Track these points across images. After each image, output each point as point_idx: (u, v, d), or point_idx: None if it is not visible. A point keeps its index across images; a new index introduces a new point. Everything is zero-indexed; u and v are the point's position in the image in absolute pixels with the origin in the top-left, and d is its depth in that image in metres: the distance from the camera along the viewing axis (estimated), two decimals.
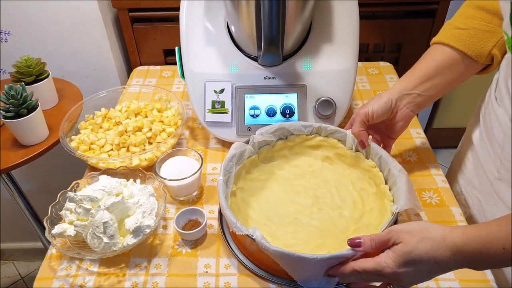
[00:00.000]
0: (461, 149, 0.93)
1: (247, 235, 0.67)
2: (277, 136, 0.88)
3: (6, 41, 0.93)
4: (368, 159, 0.84)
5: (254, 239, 0.66)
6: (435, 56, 0.80)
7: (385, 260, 0.58)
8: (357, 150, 0.85)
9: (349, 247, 0.63)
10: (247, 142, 0.85)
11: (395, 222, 0.73)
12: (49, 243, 1.35)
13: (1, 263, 1.98)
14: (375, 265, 0.59)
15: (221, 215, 0.83)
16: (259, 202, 0.82)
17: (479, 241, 0.53)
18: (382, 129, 0.86)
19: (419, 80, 0.80)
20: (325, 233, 0.76)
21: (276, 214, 0.80)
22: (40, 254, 1.94)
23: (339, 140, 0.87)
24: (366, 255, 0.64)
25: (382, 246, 0.61)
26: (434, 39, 0.81)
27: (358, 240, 0.62)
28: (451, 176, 0.95)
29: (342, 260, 0.63)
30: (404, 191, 0.73)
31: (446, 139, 1.86)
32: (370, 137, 0.84)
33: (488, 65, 0.79)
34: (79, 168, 1.10)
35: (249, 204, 0.81)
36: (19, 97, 0.91)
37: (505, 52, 0.75)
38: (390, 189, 0.78)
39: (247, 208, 0.80)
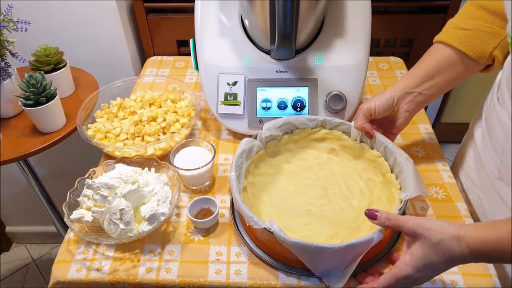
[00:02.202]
0: (464, 146, 0.95)
1: (264, 228, 0.69)
2: (283, 130, 0.90)
3: (26, 30, 0.95)
4: (373, 149, 0.86)
5: (272, 232, 0.68)
6: (436, 56, 0.81)
7: (405, 269, 0.61)
8: (361, 141, 0.87)
9: (363, 236, 0.66)
10: (255, 138, 0.87)
11: (404, 211, 0.76)
12: (63, 227, 1.39)
13: (13, 246, 2.02)
14: (396, 277, 0.62)
15: (232, 205, 0.85)
16: (269, 196, 0.84)
17: (489, 245, 0.56)
18: (385, 124, 0.88)
19: (420, 79, 0.81)
20: (337, 223, 0.79)
21: (287, 207, 0.82)
22: (51, 237, 1.98)
23: (343, 132, 0.90)
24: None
25: (395, 229, 0.64)
26: (436, 38, 0.83)
27: (375, 212, 0.65)
28: (454, 173, 0.96)
29: (359, 250, 0.67)
30: (412, 180, 0.75)
31: (454, 133, 1.86)
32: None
33: (489, 65, 0.80)
34: (90, 155, 1.12)
35: (260, 198, 0.83)
36: (39, 85, 0.94)
37: (507, 54, 0.76)
38: (396, 178, 0.80)
39: (258, 203, 0.82)
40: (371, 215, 0.66)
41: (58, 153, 1.54)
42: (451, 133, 1.89)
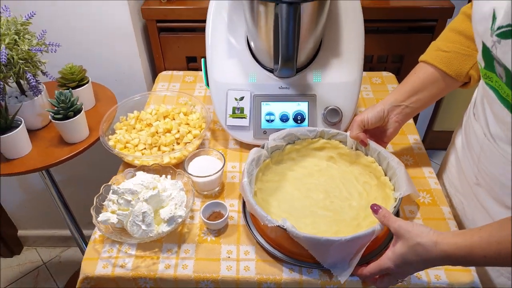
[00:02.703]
0: (447, 153, 1.04)
1: (278, 226, 0.77)
2: (286, 140, 0.99)
3: (55, 51, 1.05)
4: (367, 155, 0.95)
5: (285, 229, 0.77)
6: (420, 74, 0.91)
7: (387, 262, 0.71)
8: (357, 149, 0.97)
9: (363, 231, 0.75)
10: (262, 147, 0.96)
11: (398, 209, 0.84)
12: (77, 231, 1.47)
13: (24, 249, 2.09)
14: (379, 267, 0.72)
15: (244, 208, 0.93)
16: (277, 201, 0.92)
17: (463, 251, 0.62)
18: (377, 134, 0.97)
19: (407, 94, 0.91)
20: (339, 221, 0.87)
21: (294, 209, 0.90)
22: (61, 241, 2.05)
23: (340, 141, 0.99)
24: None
25: (387, 226, 0.73)
26: (421, 57, 0.93)
27: (379, 209, 0.74)
28: (439, 177, 1.05)
29: (362, 242, 0.76)
30: (404, 180, 0.85)
31: (445, 141, 1.94)
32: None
33: (467, 82, 0.89)
34: (106, 163, 1.21)
35: (269, 202, 0.92)
36: (67, 101, 1.04)
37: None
38: (390, 180, 0.90)
39: (268, 206, 0.91)
40: (374, 209, 0.75)
41: (75, 162, 1.63)
42: (441, 141, 1.98)
